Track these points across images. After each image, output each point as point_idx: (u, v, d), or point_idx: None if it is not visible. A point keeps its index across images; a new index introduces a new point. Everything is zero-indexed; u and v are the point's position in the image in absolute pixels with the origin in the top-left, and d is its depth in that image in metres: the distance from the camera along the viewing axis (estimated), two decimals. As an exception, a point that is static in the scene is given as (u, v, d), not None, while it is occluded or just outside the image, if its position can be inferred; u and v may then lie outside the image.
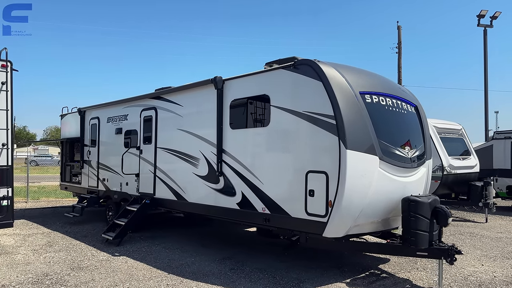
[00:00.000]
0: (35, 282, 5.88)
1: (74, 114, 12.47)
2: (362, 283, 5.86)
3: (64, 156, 13.34)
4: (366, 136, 5.57)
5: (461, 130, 13.39)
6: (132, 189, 9.51)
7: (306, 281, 5.90)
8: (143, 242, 8.47)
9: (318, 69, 5.70)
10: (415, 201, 5.55)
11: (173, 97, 8.52)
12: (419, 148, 6.52)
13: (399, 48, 23.20)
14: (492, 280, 6.05)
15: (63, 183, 13.26)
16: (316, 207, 5.62)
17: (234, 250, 7.81)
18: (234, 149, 6.98)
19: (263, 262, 6.88)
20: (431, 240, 5.58)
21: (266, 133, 6.46)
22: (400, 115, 6.38)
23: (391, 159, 5.79)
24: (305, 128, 5.83)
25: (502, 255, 7.60)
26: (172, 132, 8.43)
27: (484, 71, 22.39)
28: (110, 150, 10.62)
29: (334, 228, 5.51)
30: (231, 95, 7.10)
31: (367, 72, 6.60)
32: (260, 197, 6.42)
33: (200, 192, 7.64)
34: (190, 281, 5.91)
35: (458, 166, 12.16)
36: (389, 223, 6.19)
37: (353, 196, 5.39)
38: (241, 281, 5.92)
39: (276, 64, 6.61)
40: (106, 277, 6.10)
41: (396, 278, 6.15)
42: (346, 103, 5.53)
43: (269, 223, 6.32)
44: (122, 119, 10.15)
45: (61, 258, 7.22)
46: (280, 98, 6.22)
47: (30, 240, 8.69)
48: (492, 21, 21.98)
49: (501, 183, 13.76)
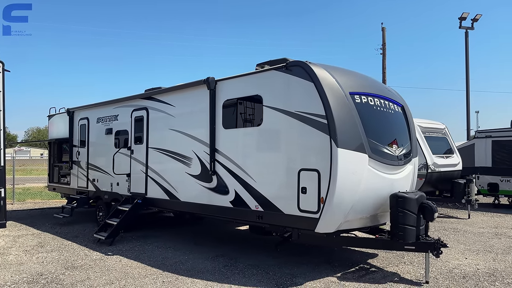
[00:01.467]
0: (30, 282, 5.91)
1: (62, 114, 12.39)
2: (352, 277, 6.06)
3: (52, 157, 13.23)
4: (356, 135, 5.78)
5: (445, 129, 13.80)
6: (123, 189, 9.55)
7: (298, 276, 6.08)
8: (136, 242, 8.53)
9: (309, 70, 5.88)
10: (402, 197, 5.79)
11: (165, 97, 8.60)
12: (406, 146, 6.78)
13: (384, 49, 23.64)
14: (475, 272, 6.33)
15: (51, 184, 13.16)
16: (308, 203, 5.80)
17: (227, 247, 7.94)
18: (227, 148, 7.12)
19: (256, 259, 7.04)
20: (418, 234, 5.83)
21: (258, 132, 6.62)
22: (388, 114, 6.62)
23: (379, 157, 6.01)
24: (297, 128, 6.01)
25: (484, 249, 7.93)
26: (164, 132, 8.52)
27: (466, 72, 23.02)
28: (100, 150, 10.62)
29: (325, 224, 5.70)
30: (223, 95, 7.23)
31: (356, 73, 6.82)
32: (253, 195, 6.57)
33: (193, 191, 7.74)
34: (186, 278, 6.02)
35: (441, 164, 12.54)
36: (378, 219, 6.42)
37: (344, 192, 5.59)
38: (235, 277, 6.07)
39: (267, 65, 6.77)
40: (101, 276, 6.17)
41: (384, 271, 6.38)
42: (336, 103, 5.72)
43: (262, 220, 6.48)
44: (112, 120, 10.17)
45: (54, 258, 7.23)
46: (272, 99, 6.38)
47: (21, 241, 8.66)
48: (473, 23, 22.64)
49: (482, 181, 14.23)
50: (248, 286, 5.68)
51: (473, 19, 22.58)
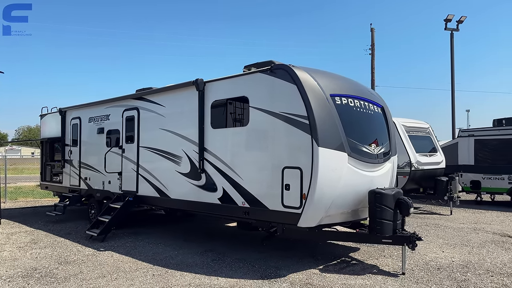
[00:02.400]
0: (25, 276, 6.15)
1: (54, 114, 12.58)
2: (333, 269, 6.40)
3: (44, 156, 13.41)
4: (336, 134, 6.11)
5: (428, 129, 14.22)
6: (115, 187, 9.79)
7: (282, 268, 6.41)
8: (127, 238, 8.79)
9: (292, 73, 6.20)
10: (380, 193, 6.14)
11: (155, 98, 8.86)
12: (385, 145, 7.13)
13: (372, 50, 24.07)
14: (450, 264, 6.71)
15: (43, 183, 13.34)
16: (291, 199, 6.13)
17: (215, 243, 8.24)
18: (215, 147, 7.41)
19: (242, 253, 7.35)
20: (395, 228, 6.20)
21: (245, 132, 6.92)
22: (367, 115, 6.96)
23: (358, 155, 6.36)
24: (281, 128, 6.33)
25: (461, 243, 8.32)
26: (155, 132, 8.78)
27: (451, 72, 23.54)
28: (92, 149, 10.85)
29: (307, 219, 6.03)
30: (212, 96, 7.53)
31: (337, 76, 7.15)
32: (240, 192, 6.88)
33: (182, 188, 8.02)
34: (175, 271, 6.31)
35: (425, 163, 12.94)
36: (358, 214, 6.77)
37: (325, 189, 5.92)
38: (222, 270, 6.37)
39: (254, 68, 7.07)
40: (94, 270, 6.43)
41: (364, 264, 6.73)
42: (318, 104, 6.05)
43: (249, 216, 6.79)
44: (104, 119, 10.40)
45: (48, 254, 7.47)
46: (258, 100, 6.69)
47: (14, 238, 8.87)
48: (458, 25, 23.16)
49: (465, 178, 14.69)
50: (234, 278, 5.99)
51: (458, 20, 23.11)
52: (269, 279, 5.92)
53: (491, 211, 13.04)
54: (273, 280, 5.85)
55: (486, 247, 7.94)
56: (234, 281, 5.82)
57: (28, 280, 5.94)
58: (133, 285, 5.70)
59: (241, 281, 5.81)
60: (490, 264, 6.72)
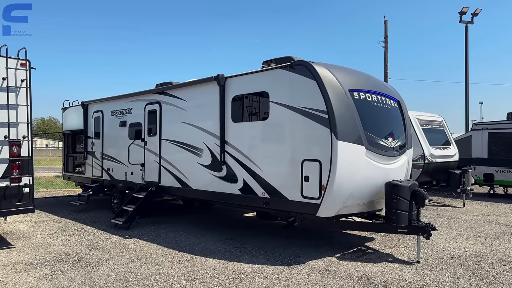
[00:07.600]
0: (60, 260, 6.57)
1: (76, 107, 13.00)
2: (350, 257, 6.69)
3: (67, 148, 13.88)
4: (354, 128, 6.37)
5: (442, 122, 14.33)
6: (138, 178, 10.18)
7: (301, 256, 6.72)
8: (150, 226, 9.19)
9: (312, 69, 6.45)
10: (396, 185, 6.39)
11: (177, 92, 9.18)
12: (401, 139, 7.35)
13: (386, 43, 24.05)
14: (463, 254, 6.95)
15: (66, 174, 13.83)
16: (310, 191, 6.41)
17: (235, 232, 8.59)
18: (235, 140, 7.71)
19: (262, 242, 7.68)
20: (410, 219, 6.45)
21: (265, 125, 7.21)
22: (384, 109, 7.19)
23: (376, 149, 6.60)
24: (301, 122, 6.60)
25: (474, 234, 8.53)
26: (176, 125, 9.11)
27: (465, 65, 23.44)
28: (114, 141, 11.25)
29: (326, 209, 6.32)
30: (232, 91, 7.81)
31: (355, 71, 7.38)
32: (260, 183, 7.19)
33: (204, 179, 8.36)
34: (200, 257, 6.67)
35: (438, 155, 13.10)
36: (374, 205, 7.03)
37: (343, 181, 6.20)
38: (244, 257, 6.71)
39: (273, 63, 7.33)
40: (123, 255, 6.82)
41: (380, 253, 7.01)
42: (337, 99, 6.30)
43: (269, 206, 7.11)
44: (126, 113, 10.77)
45: (77, 241, 7.90)
46: (278, 95, 6.96)
47: (43, 226, 9.33)
48: (473, 17, 22.99)
49: (478, 171, 14.80)
50: (256, 264, 6.32)
51: (473, 13, 22.93)
52: (289, 265, 6.24)
53: (504, 204, 13.17)
54: (293, 266, 6.17)
55: (498, 238, 8.14)
56: (256, 267, 6.15)
57: (64, 264, 6.35)
58: (162, 269, 6.07)
59: (263, 267, 6.14)
60: (503, 254, 6.94)
